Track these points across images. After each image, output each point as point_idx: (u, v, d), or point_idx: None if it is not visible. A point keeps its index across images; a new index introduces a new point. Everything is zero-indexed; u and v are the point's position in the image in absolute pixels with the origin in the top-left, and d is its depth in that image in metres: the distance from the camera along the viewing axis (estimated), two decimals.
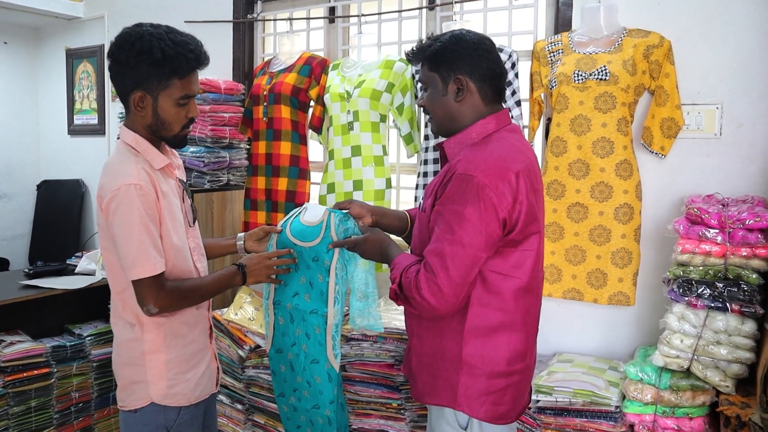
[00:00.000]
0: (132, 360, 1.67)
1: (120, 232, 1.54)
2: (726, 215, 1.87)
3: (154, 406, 1.66)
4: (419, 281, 1.45)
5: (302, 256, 1.86)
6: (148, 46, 1.54)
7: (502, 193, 1.41)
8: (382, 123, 2.60)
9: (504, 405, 1.54)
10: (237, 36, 3.21)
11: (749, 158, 2.10)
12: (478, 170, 1.42)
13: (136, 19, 3.68)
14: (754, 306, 1.82)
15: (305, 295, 1.88)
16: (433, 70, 1.56)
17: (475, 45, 1.53)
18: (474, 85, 1.53)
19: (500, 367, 1.52)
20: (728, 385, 1.85)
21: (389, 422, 2.34)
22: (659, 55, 2.13)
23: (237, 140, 2.98)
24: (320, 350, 1.88)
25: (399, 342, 2.30)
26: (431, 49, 1.55)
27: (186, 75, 1.60)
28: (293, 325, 1.91)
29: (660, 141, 2.18)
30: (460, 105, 1.54)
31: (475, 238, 1.41)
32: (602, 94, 2.14)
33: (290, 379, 1.96)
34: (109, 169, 1.62)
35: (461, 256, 1.42)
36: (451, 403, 1.54)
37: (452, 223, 1.43)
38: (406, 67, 2.57)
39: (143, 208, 1.54)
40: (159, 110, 1.61)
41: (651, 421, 1.95)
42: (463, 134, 1.55)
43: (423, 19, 2.75)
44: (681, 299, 1.90)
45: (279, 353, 1.96)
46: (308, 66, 2.78)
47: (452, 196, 1.44)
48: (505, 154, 1.47)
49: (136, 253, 1.54)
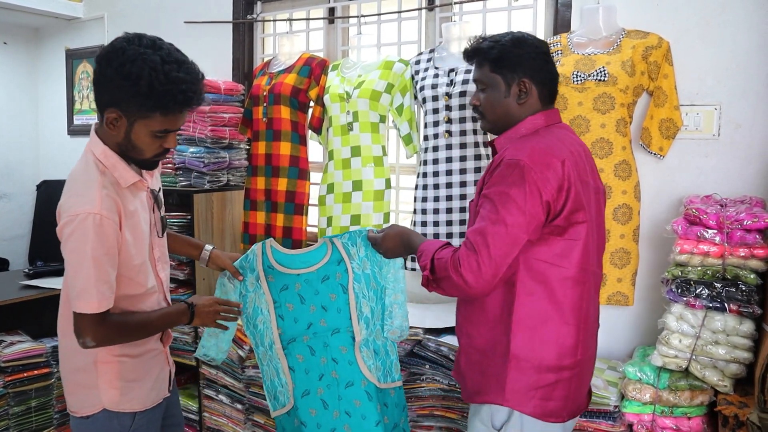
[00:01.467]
0: (83, 367, 1.62)
1: (70, 260, 1.47)
2: (724, 216, 1.88)
3: (107, 413, 1.62)
4: (458, 258, 1.46)
5: (309, 283, 1.82)
6: (137, 73, 1.40)
7: (546, 177, 1.44)
8: (382, 123, 2.61)
9: (554, 401, 1.52)
10: (237, 36, 3.21)
11: (747, 159, 2.11)
12: (523, 154, 1.46)
13: (136, 19, 3.67)
14: (752, 306, 1.82)
15: (320, 321, 1.83)
16: (495, 72, 1.58)
17: (537, 48, 1.58)
18: (535, 89, 1.58)
19: (549, 361, 1.50)
20: (726, 384, 1.86)
21: None
22: (658, 56, 2.13)
23: (237, 141, 2.98)
24: (352, 370, 1.81)
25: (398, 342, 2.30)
26: (495, 51, 1.57)
27: (171, 113, 1.48)
28: (315, 357, 1.83)
29: (659, 142, 2.18)
30: (520, 107, 1.58)
31: (518, 218, 1.43)
32: (601, 94, 2.14)
33: (325, 420, 1.81)
34: (73, 186, 1.52)
35: (502, 235, 1.43)
36: (499, 400, 1.52)
37: (497, 204, 1.45)
38: (405, 68, 2.57)
39: (98, 242, 1.45)
40: (132, 135, 1.50)
41: (649, 420, 1.95)
42: (513, 130, 1.59)
43: (422, 19, 2.75)
44: (679, 299, 1.91)
45: (306, 396, 1.82)
46: (308, 66, 2.78)
47: (499, 179, 1.47)
48: (552, 144, 1.51)
49: (80, 287, 1.46)
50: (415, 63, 2.59)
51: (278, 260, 1.86)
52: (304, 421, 1.82)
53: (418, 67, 2.57)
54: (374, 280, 1.87)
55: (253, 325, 1.87)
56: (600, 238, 1.61)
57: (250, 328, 1.88)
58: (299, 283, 1.84)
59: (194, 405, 2.89)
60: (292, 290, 1.85)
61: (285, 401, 1.86)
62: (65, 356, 1.67)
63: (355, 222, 2.61)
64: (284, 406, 1.86)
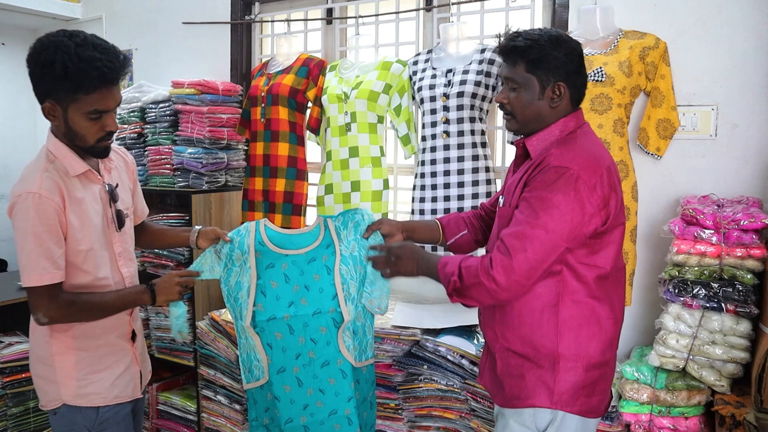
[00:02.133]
0: (43, 359, 1.67)
1: (17, 240, 1.55)
2: (721, 216, 1.88)
3: (67, 408, 1.66)
4: (492, 261, 1.44)
5: (296, 264, 1.84)
6: (51, 59, 1.49)
7: (593, 186, 1.43)
8: (380, 124, 2.61)
9: (596, 396, 1.54)
10: (235, 37, 3.21)
11: (744, 159, 2.11)
12: (573, 162, 1.44)
13: (134, 20, 3.68)
14: (749, 306, 1.83)
15: (302, 300, 1.85)
16: (531, 72, 1.53)
17: (575, 51, 1.54)
18: (568, 91, 1.55)
19: (595, 358, 1.51)
20: (723, 384, 1.87)
21: (387, 422, 2.35)
22: (655, 56, 2.14)
23: (235, 141, 2.98)
24: (330, 350, 1.84)
25: (396, 342, 2.30)
26: (534, 51, 1.52)
27: (93, 91, 1.53)
28: (294, 336, 1.85)
29: (656, 142, 2.19)
30: (552, 110, 1.55)
31: (559, 225, 1.41)
32: (598, 95, 2.15)
33: (299, 396, 1.86)
34: (22, 174, 1.61)
35: (542, 240, 1.42)
36: (546, 403, 1.51)
37: (537, 208, 1.43)
38: (403, 69, 2.58)
39: (37, 218, 1.52)
40: (69, 122, 1.57)
41: (647, 420, 1.96)
42: (546, 132, 1.56)
43: (420, 20, 2.76)
44: (677, 299, 1.92)
45: (282, 373, 1.86)
46: (306, 67, 2.78)
47: (543, 184, 1.44)
48: (595, 150, 1.51)
49: (25, 262, 1.54)
50: (413, 63, 2.59)
51: (270, 238, 1.88)
52: (278, 396, 1.86)
53: (415, 67, 2.57)
54: (360, 263, 1.87)
55: (234, 299, 1.87)
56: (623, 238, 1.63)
57: (231, 302, 1.88)
58: (286, 263, 1.85)
59: (193, 405, 2.89)
60: (278, 269, 1.86)
61: (259, 376, 1.87)
62: (31, 349, 1.73)
63: None
64: (258, 380, 1.88)
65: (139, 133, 3.10)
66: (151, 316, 2.98)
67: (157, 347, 2.99)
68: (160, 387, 3.05)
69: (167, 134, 2.96)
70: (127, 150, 3.18)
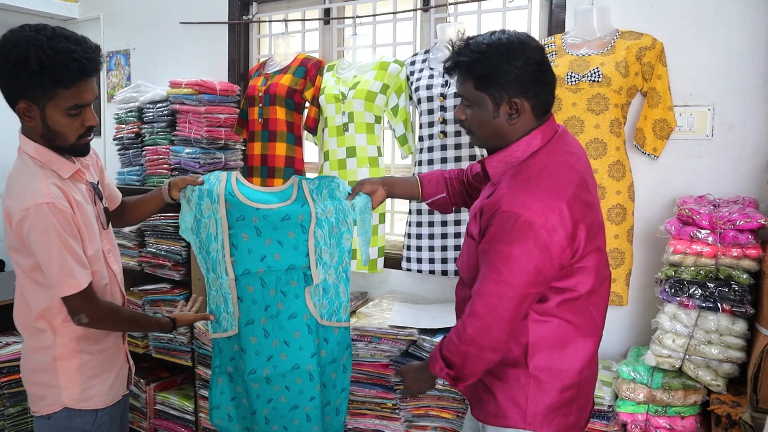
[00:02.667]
0: (43, 366, 1.63)
1: (39, 252, 1.49)
2: (717, 216, 1.89)
3: (68, 411, 1.64)
4: (464, 327, 1.39)
5: (267, 219, 1.80)
6: (24, 55, 1.41)
7: (553, 228, 1.32)
8: (377, 124, 2.61)
9: (573, 414, 1.48)
10: (232, 37, 3.21)
11: (740, 159, 2.12)
12: (525, 207, 1.32)
13: (132, 20, 3.67)
14: (745, 306, 1.83)
15: (275, 255, 1.81)
16: (481, 90, 1.40)
17: (529, 59, 1.38)
18: (528, 104, 1.41)
19: (571, 379, 1.45)
20: (719, 384, 1.87)
21: (384, 422, 2.35)
22: (652, 56, 2.14)
23: (232, 141, 2.98)
24: (297, 303, 1.82)
25: (394, 342, 2.31)
26: (478, 67, 1.39)
27: (72, 85, 1.47)
28: (265, 289, 1.82)
29: (652, 142, 2.19)
30: (512, 127, 1.42)
31: (522, 278, 1.33)
32: (595, 95, 2.15)
33: (264, 347, 1.84)
34: (16, 185, 1.53)
35: (509, 296, 1.35)
36: (521, 424, 1.45)
37: (498, 264, 1.35)
38: (400, 69, 2.58)
39: (60, 226, 1.48)
40: (48, 121, 1.50)
41: (643, 420, 1.96)
42: (506, 152, 1.44)
43: (417, 20, 2.76)
44: (673, 299, 1.92)
45: (250, 324, 1.83)
46: (303, 67, 2.78)
47: (497, 234, 1.35)
48: (553, 180, 1.37)
49: (58, 273, 1.49)
50: (410, 64, 2.59)
51: (241, 191, 1.83)
52: (244, 348, 1.84)
53: (413, 67, 2.57)
54: (337, 226, 1.85)
55: (206, 251, 1.83)
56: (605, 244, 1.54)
57: (202, 253, 1.84)
58: (257, 217, 1.80)
59: (190, 405, 2.89)
60: (249, 222, 1.80)
61: (228, 327, 1.85)
62: (25, 356, 1.69)
63: None
64: (226, 331, 1.86)
65: (137, 133, 3.10)
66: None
67: (154, 347, 2.99)
68: (157, 387, 3.05)
69: (165, 134, 2.96)
70: (124, 149, 3.18)
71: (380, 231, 2.64)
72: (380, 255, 2.66)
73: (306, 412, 1.88)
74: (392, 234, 2.91)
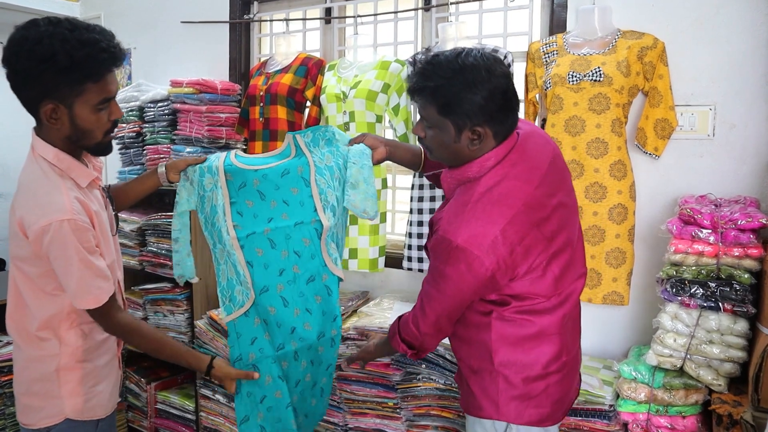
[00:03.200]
0: (43, 376, 1.56)
1: (58, 267, 1.45)
2: (718, 215, 1.89)
3: (70, 423, 1.58)
4: (416, 322, 1.56)
5: (268, 178, 1.75)
6: (50, 51, 1.33)
7: (484, 254, 1.36)
8: (378, 123, 2.61)
9: (548, 406, 1.51)
10: (233, 36, 3.21)
11: (742, 159, 2.12)
12: (459, 234, 1.37)
13: (133, 19, 3.67)
14: (746, 305, 1.83)
15: (282, 215, 1.74)
16: (444, 116, 1.39)
17: (495, 88, 1.35)
18: (491, 131, 1.40)
19: (536, 371, 1.49)
20: (721, 383, 1.87)
21: (385, 421, 2.35)
22: (653, 56, 2.14)
23: (233, 140, 2.98)
24: (315, 264, 1.73)
25: None
26: (441, 94, 1.37)
27: (101, 78, 1.41)
28: (276, 251, 1.73)
29: (654, 142, 2.19)
30: (471, 151, 1.42)
31: (458, 292, 1.44)
32: (596, 95, 2.15)
33: (285, 318, 1.72)
34: (32, 195, 1.46)
35: (447, 303, 1.48)
36: (495, 415, 1.52)
37: (437, 277, 1.46)
38: (401, 68, 2.58)
39: (79, 243, 1.44)
40: (76, 120, 1.43)
41: (644, 419, 1.96)
42: (460, 171, 1.46)
43: (419, 20, 2.76)
44: (674, 299, 1.92)
45: (265, 293, 1.72)
46: (304, 66, 2.78)
47: (435, 255, 1.46)
48: (492, 207, 1.38)
49: (76, 288, 1.47)
50: (411, 63, 2.59)
51: (239, 160, 1.80)
52: (267, 320, 1.72)
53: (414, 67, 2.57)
54: (338, 170, 1.77)
55: (211, 224, 1.78)
56: (579, 241, 1.56)
57: (208, 228, 1.79)
58: (257, 179, 1.75)
59: (191, 405, 2.89)
60: (251, 187, 1.75)
61: (243, 300, 1.73)
62: (22, 366, 1.61)
63: (353, 221, 2.62)
64: (242, 306, 1.74)
65: (138, 132, 3.10)
66: (150, 315, 2.98)
67: None
68: (158, 386, 3.05)
69: (166, 133, 2.96)
70: (125, 148, 3.18)
71: (381, 231, 2.65)
72: (381, 254, 2.66)
73: (321, 386, 1.82)
74: (393, 234, 2.91)
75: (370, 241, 2.61)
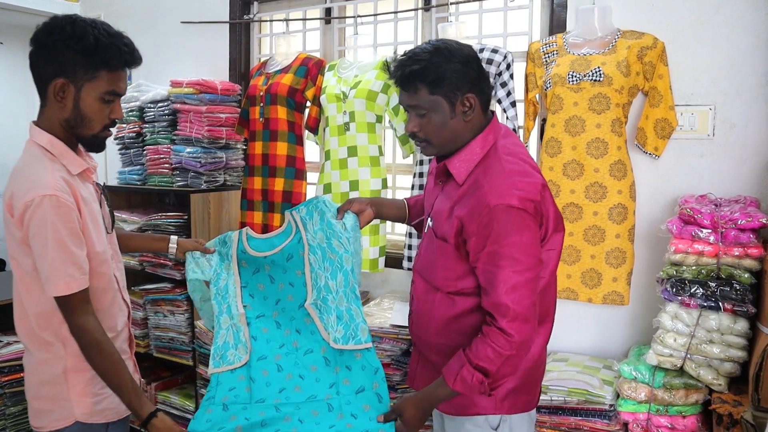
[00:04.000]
0: (51, 378, 1.55)
1: (34, 246, 1.43)
2: (718, 215, 1.89)
3: (79, 426, 1.56)
4: (506, 331, 1.39)
5: (275, 265, 1.83)
6: (81, 31, 1.43)
7: (536, 211, 1.42)
8: (378, 123, 2.61)
9: (533, 394, 1.59)
10: (233, 37, 3.21)
11: (741, 159, 2.12)
12: (511, 196, 1.39)
13: (133, 19, 3.67)
14: (747, 305, 1.83)
15: (288, 297, 1.83)
16: (435, 94, 1.46)
17: (468, 57, 1.47)
18: (477, 100, 1.49)
19: (531, 362, 1.53)
20: (721, 383, 1.87)
21: None
22: (653, 56, 2.14)
23: (233, 141, 2.98)
24: (313, 338, 1.79)
25: (395, 341, 2.31)
26: (431, 71, 1.44)
27: (116, 69, 1.49)
28: (280, 330, 1.83)
29: (654, 141, 2.19)
30: (466, 123, 1.49)
31: (533, 259, 1.42)
32: (596, 95, 2.15)
33: (275, 380, 1.78)
34: (21, 175, 1.47)
35: (531, 279, 1.41)
36: (492, 410, 1.52)
37: (517, 255, 1.39)
38: None
39: (59, 222, 1.41)
40: (80, 103, 1.48)
41: (645, 419, 1.96)
42: (466, 151, 1.51)
43: (419, 20, 2.76)
44: (674, 298, 1.92)
45: (262, 360, 1.80)
46: (304, 67, 2.78)
47: (504, 231, 1.39)
48: (524, 170, 1.45)
49: (49, 270, 1.42)
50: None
51: (251, 245, 1.87)
52: (254, 378, 1.77)
53: None
54: (331, 250, 1.80)
55: (222, 297, 1.85)
56: None
57: (218, 299, 1.85)
58: (268, 264, 1.84)
59: (191, 405, 2.89)
60: (263, 272, 1.85)
61: (234, 361, 1.78)
62: (32, 370, 1.59)
63: None
64: (232, 364, 1.78)
65: (138, 132, 3.10)
66: (150, 315, 2.98)
67: (156, 347, 2.99)
68: (158, 386, 3.05)
69: (166, 133, 2.96)
70: (125, 149, 3.18)
71: (381, 231, 2.65)
72: (381, 255, 2.66)
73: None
74: (393, 234, 2.91)
75: (371, 241, 2.61)
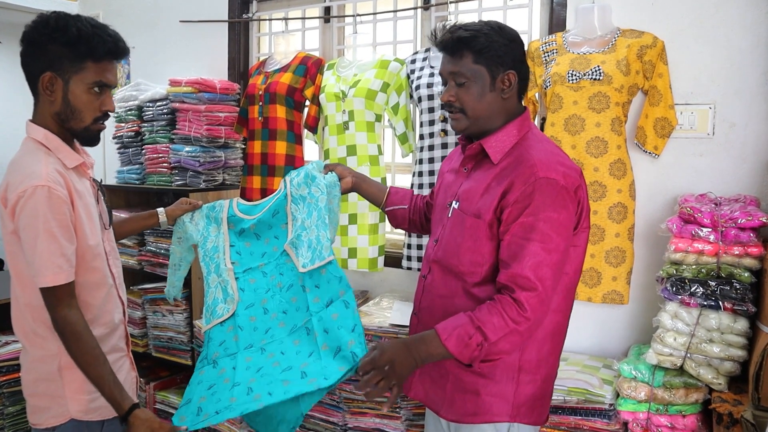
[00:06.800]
0: (47, 375, 1.56)
1: (24, 237, 1.44)
2: (718, 214, 1.88)
3: (75, 423, 1.56)
4: (521, 303, 1.34)
5: (262, 223, 1.91)
6: (64, 24, 1.48)
7: (576, 194, 1.42)
8: (377, 123, 2.61)
9: (547, 405, 1.55)
10: (232, 36, 3.21)
11: (741, 158, 2.12)
12: (557, 172, 1.39)
13: (132, 18, 3.66)
14: (747, 304, 1.83)
15: (273, 248, 1.91)
16: (479, 63, 1.45)
17: (515, 37, 1.49)
18: (516, 80, 1.49)
19: (553, 368, 1.52)
20: (721, 382, 1.87)
21: (385, 421, 2.35)
22: (653, 55, 2.14)
23: (232, 140, 2.98)
24: (293, 274, 1.85)
25: None
26: (480, 40, 1.44)
27: (101, 59, 1.51)
28: (266, 278, 1.88)
29: (653, 140, 2.19)
30: (504, 102, 1.49)
31: (564, 241, 1.39)
32: (596, 93, 2.15)
33: (262, 323, 1.83)
34: (16, 167, 1.49)
35: (556, 262, 1.38)
36: (504, 417, 1.47)
37: (549, 232, 1.36)
38: (401, 67, 2.57)
39: (49, 213, 1.43)
40: (69, 95, 1.51)
41: (645, 418, 1.96)
42: (503, 132, 1.49)
43: (418, 19, 2.76)
44: (674, 298, 1.92)
45: (250, 308, 1.85)
46: (303, 66, 2.78)
47: (543, 203, 1.37)
48: (565, 155, 1.48)
49: (38, 261, 1.43)
50: (411, 62, 2.59)
51: (241, 209, 1.97)
52: (242, 326, 1.84)
53: (413, 66, 2.57)
54: (310, 196, 1.84)
55: (209, 258, 1.94)
56: None
57: (206, 260, 1.94)
58: (253, 224, 1.92)
59: None
60: (249, 231, 1.94)
61: (222, 313, 1.86)
62: (27, 366, 1.60)
63: (352, 221, 2.62)
64: (221, 317, 1.86)
65: (137, 131, 3.09)
66: (149, 315, 2.97)
67: (154, 346, 2.98)
68: (157, 386, 3.05)
69: (165, 133, 2.95)
70: (124, 148, 3.18)
71: (380, 230, 2.64)
72: (380, 254, 2.65)
73: (302, 369, 1.72)
74: (392, 233, 2.91)
75: (370, 241, 2.61)
